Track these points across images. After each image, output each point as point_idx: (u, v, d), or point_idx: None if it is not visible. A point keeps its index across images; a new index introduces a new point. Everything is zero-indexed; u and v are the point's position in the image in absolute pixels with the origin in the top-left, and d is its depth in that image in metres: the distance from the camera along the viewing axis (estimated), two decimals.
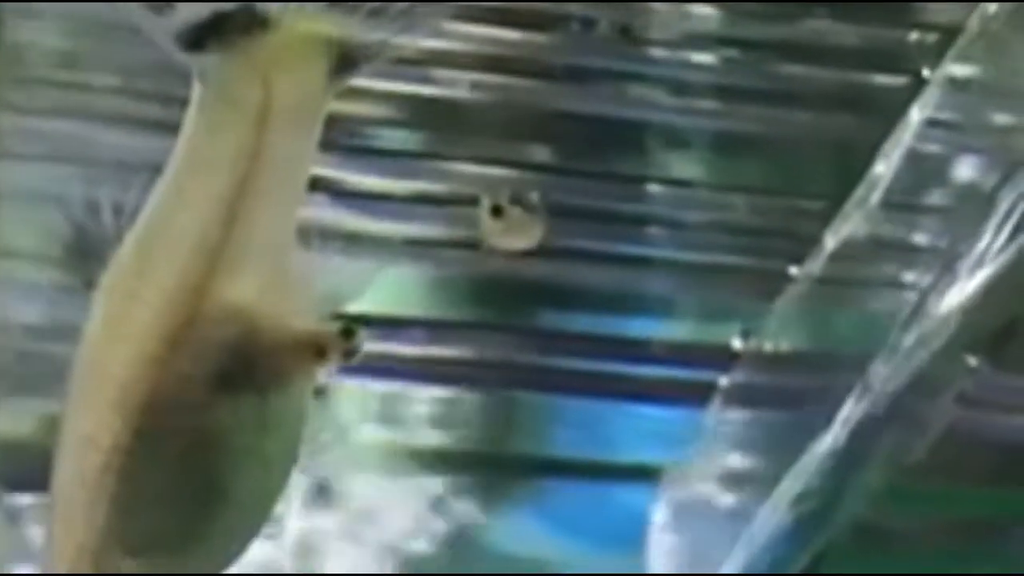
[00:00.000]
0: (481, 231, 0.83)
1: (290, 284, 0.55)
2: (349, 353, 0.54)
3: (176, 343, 0.52)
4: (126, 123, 0.81)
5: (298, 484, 0.60)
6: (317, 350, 0.54)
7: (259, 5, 0.54)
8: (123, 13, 0.55)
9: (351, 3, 0.56)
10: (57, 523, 0.54)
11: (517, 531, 0.87)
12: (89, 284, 0.54)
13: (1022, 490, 0.76)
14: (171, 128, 0.75)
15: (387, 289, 0.84)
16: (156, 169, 0.76)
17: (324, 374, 0.54)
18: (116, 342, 0.53)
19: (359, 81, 0.58)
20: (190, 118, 0.55)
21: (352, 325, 0.54)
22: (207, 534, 0.53)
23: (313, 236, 0.58)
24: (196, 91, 0.55)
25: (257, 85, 0.54)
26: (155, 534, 0.53)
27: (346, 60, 0.56)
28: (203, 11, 0.54)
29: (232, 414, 0.53)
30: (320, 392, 0.55)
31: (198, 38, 0.54)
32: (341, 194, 0.85)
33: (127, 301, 0.53)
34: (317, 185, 0.59)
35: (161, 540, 0.53)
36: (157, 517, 0.53)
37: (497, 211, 0.82)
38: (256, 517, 0.54)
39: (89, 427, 0.53)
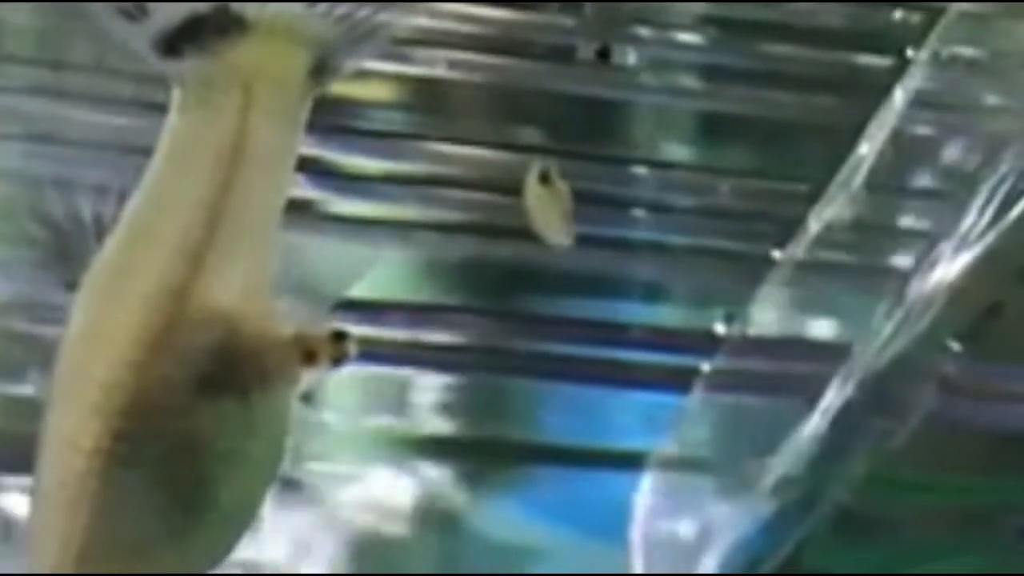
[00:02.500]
0: (525, 197, 0.83)
1: (275, 285, 0.54)
2: (339, 358, 0.54)
3: (158, 346, 0.52)
4: (99, 101, 0.81)
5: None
6: (307, 354, 0.54)
7: (234, 7, 0.53)
8: (97, 21, 0.54)
9: (329, 2, 0.55)
10: (39, 524, 0.54)
11: (500, 517, 0.87)
12: (70, 286, 0.54)
13: (1005, 477, 0.76)
14: (144, 106, 0.74)
15: (371, 272, 0.84)
16: (129, 149, 0.76)
17: (312, 378, 0.54)
18: (97, 345, 0.53)
19: None
20: (170, 121, 0.54)
21: (343, 330, 0.54)
22: (189, 537, 0.53)
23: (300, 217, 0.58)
24: (175, 95, 0.54)
25: (236, 88, 0.53)
26: (136, 537, 0.52)
27: (325, 60, 0.55)
28: (178, 16, 0.53)
29: (215, 418, 0.52)
30: (308, 397, 0.54)
31: (174, 44, 0.54)
32: (325, 174, 0.84)
33: (108, 304, 0.53)
34: (302, 166, 0.58)
35: (142, 543, 0.53)
36: (139, 520, 0.52)
37: (545, 179, 0.82)
38: (239, 520, 0.54)
39: (70, 430, 0.52)
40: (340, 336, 0.54)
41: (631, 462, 0.85)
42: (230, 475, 0.53)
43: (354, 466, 0.86)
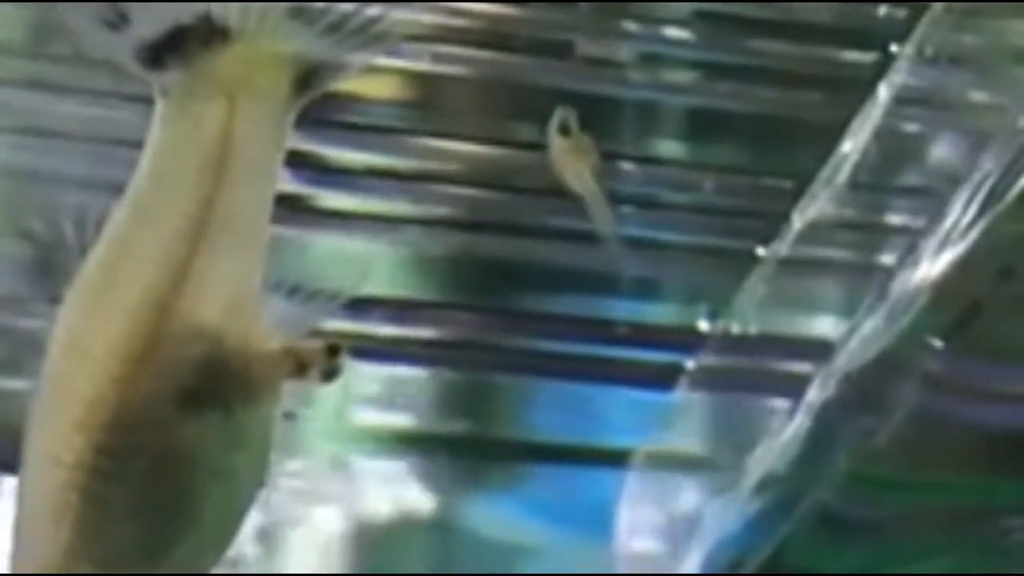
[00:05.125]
0: (549, 151, 0.83)
1: (272, 286, 0.54)
2: (331, 372, 0.53)
3: (141, 361, 0.52)
4: (82, 93, 0.80)
5: None
6: (299, 365, 0.53)
7: (217, 16, 0.53)
8: (77, 29, 0.53)
9: (315, 4, 0.54)
10: (21, 538, 0.53)
11: (485, 513, 0.87)
12: (54, 300, 0.53)
13: (989, 475, 0.76)
14: (129, 99, 0.74)
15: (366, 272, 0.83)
16: (114, 141, 0.75)
17: (298, 395, 0.54)
18: (80, 359, 0.52)
19: None
20: (153, 133, 0.54)
21: (338, 342, 0.53)
22: (172, 552, 0.53)
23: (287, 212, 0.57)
24: (158, 106, 0.54)
25: (220, 98, 0.53)
26: (119, 552, 0.52)
27: (310, 72, 0.55)
28: (160, 26, 0.53)
29: (199, 432, 0.52)
30: (290, 416, 0.54)
31: (157, 55, 0.53)
32: (312, 169, 0.84)
33: (91, 317, 0.52)
34: (288, 160, 0.58)
35: (125, 558, 0.52)
36: (121, 535, 0.52)
37: (565, 129, 0.82)
38: (223, 534, 0.54)
39: (52, 444, 0.52)
40: (333, 349, 0.53)
41: (615, 458, 0.86)
42: (214, 489, 0.52)
43: (340, 463, 0.86)
